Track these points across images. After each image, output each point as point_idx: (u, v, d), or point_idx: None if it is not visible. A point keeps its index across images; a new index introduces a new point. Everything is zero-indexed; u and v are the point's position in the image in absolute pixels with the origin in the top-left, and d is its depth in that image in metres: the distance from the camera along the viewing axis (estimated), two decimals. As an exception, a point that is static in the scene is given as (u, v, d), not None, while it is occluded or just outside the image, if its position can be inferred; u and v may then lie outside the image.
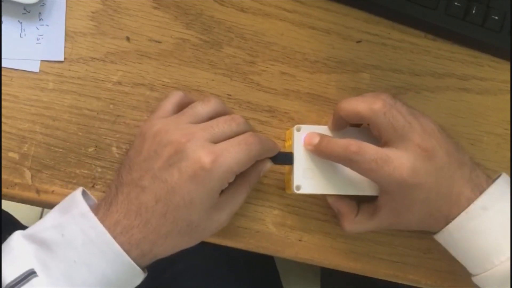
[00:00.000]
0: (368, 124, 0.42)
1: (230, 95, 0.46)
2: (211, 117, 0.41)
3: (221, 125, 0.40)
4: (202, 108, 0.41)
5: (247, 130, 0.41)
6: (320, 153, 0.42)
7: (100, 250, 0.37)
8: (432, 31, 0.50)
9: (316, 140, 0.42)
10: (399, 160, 0.39)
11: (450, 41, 0.50)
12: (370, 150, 0.39)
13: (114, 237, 0.37)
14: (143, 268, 0.39)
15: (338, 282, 0.94)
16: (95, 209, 0.39)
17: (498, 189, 0.40)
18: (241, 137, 0.40)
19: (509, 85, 0.51)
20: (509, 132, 0.50)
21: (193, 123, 0.40)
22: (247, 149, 0.39)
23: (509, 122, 0.50)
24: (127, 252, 0.37)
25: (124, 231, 0.38)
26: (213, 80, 0.46)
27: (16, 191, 0.43)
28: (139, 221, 0.38)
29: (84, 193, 0.40)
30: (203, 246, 0.60)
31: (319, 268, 1.03)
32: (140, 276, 0.39)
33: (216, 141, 0.39)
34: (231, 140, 0.40)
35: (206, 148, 0.38)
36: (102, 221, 0.37)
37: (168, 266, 0.61)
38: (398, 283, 0.48)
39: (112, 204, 0.39)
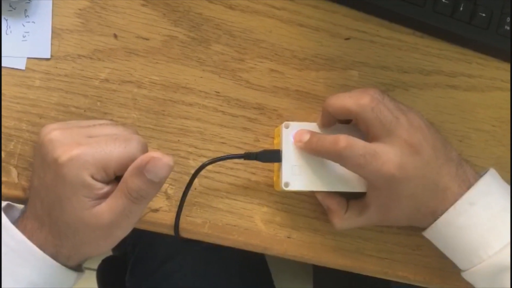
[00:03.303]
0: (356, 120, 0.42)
1: (218, 92, 0.46)
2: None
3: (106, 126, 0.38)
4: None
5: (138, 139, 0.37)
6: (310, 149, 0.42)
7: (22, 258, 0.36)
8: (420, 28, 0.50)
9: (306, 137, 0.42)
10: (387, 155, 0.39)
11: (438, 38, 0.50)
12: (358, 145, 0.39)
13: None
14: (74, 268, 0.38)
15: (331, 281, 0.94)
16: (19, 218, 0.38)
17: (485, 184, 0.41)
18: (123, 134, 0.37)
19: (496, 82, 0.51)
20: (496, 129, 0.50)
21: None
22: (121, 145, 0.35)
23: (497, 119, 0.50)
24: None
25: (29, 235, 0.36)
26: (201, 77, 0.46)
27: (2, 189, 0.42)
28: (38, 223, 0.37)
29: (9, 206, 0.40)
30: (194, 246, 0.60)
31: (312, 268, 1.03)
32: (71, 275, 0.38)
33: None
34: (109, 135, 0.36)
35: (72, 141, 0.35)
36: (18, 228, 0.37)
37: (159, 266, 0.61)
38: (388, 280, 0.48)
39: (26, 209, 0.39)
